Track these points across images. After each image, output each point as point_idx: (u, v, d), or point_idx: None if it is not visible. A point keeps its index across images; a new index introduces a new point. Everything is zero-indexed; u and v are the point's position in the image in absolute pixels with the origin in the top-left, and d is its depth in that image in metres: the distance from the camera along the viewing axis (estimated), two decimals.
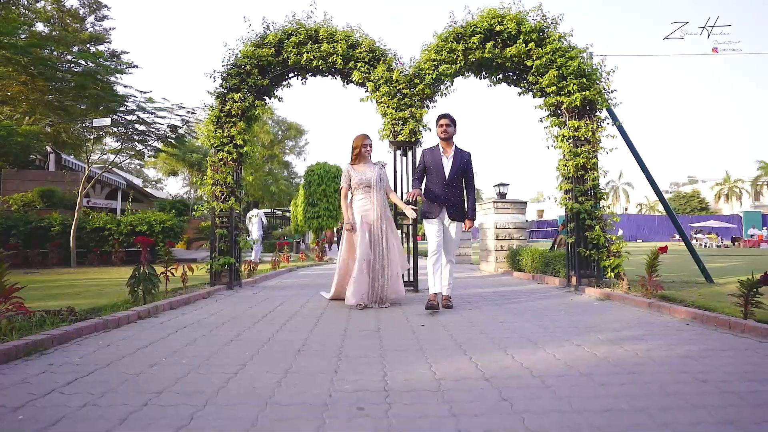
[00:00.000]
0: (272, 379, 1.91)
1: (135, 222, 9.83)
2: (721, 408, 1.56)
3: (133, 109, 10.30)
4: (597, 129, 5.31)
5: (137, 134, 10.47)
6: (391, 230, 4.06)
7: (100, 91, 9.23)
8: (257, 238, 10.36)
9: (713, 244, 24.97)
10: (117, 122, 10.02)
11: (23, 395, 1.71)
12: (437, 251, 3.80)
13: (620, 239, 5.30)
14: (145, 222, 9.85)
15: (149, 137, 10.56)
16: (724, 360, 2.18)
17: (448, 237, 3.87)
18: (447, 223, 3.86)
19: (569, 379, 1.91)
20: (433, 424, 1.45)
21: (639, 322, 3.22)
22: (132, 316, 3.23)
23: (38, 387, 1.81)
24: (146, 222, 9.84)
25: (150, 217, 9.98)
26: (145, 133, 10.51)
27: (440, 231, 3.82)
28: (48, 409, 1.57)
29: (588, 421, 1.46)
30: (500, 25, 5.25)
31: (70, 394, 1.72)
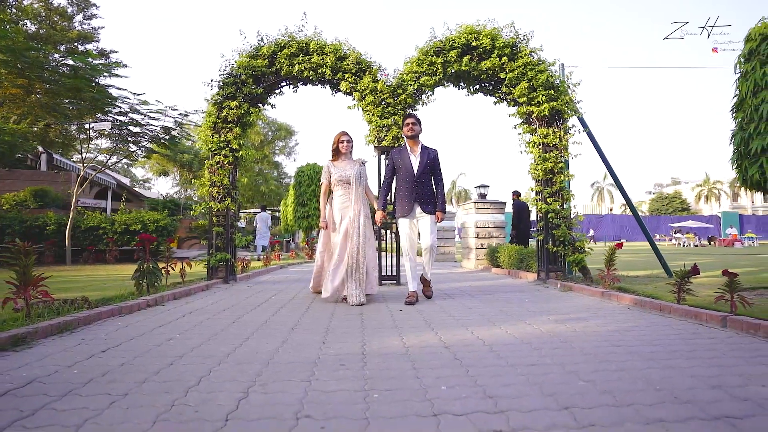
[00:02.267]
0: (271, 348, 2.34)
1: (129, 221, 10.10)
2: (621, 362, 2.03)
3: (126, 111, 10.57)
4: (564, 136, 5.83)
5: (131, 135, 10.73)
6: (369, 227, 4.10)
7: (96, 93, 9.50)
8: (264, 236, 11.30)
9: (691, 243, 25.94)
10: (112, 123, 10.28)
11: (70, 358, 2.11)
12: (412, 249, 4.06)
13: (584, 236, 5.82)
14: (140, 221, 10.13)
15: (143, 138, 10.83)
16: (642, 332, 2.67)
17: (423, 228, 4.03)
18: (421, 218, 4.04)
19: (512, 346, 2.37)
20: (398, 373, 1.89)
21: (589, 307, 3.70)
22: (141, 304, 3.62)
23: (79, 353, 2.21)
24: (140, 221, 10.12)
25: (144, 217, 10.27)
26: (139, 135, 10.78)
27: (413, 229, 4.05)
28: (94, 367, 1.98)
29: (516, 371, 1.91)
30: (476, 41, 5.74)
31: (109, 358, 2.13)
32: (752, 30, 4.53)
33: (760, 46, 4.37)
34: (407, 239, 4.06)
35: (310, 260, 11.60)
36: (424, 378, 1.82)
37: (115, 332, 2.73)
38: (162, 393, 1.64)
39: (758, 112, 4.25)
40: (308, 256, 12.18)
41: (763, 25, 4.40)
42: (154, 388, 1.71)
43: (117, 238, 10.06)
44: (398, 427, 1.34)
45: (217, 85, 5.58)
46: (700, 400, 1.52)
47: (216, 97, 5.57)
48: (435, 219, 4.05)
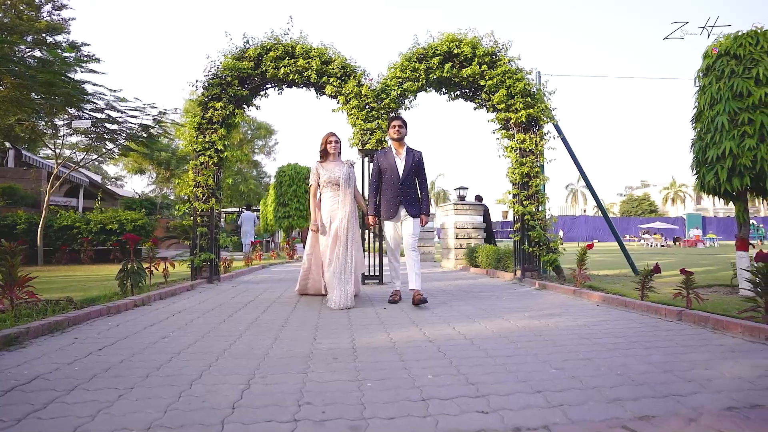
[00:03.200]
0: (265, 344, 2.45)
1: (105, 221, 9.89)
2: (588, 352, 2.25)
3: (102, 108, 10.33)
4: (540, 142, 6.11)
5: (108, 133, 10.50)
6: (356, 229, 4.08)
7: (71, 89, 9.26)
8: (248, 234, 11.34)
9: (657, 243, 27.13)
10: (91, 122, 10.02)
11: (68, 356, 2.17)
12: (396, 250, 4.12)
13: (558, 237, 6.12)
14: (116, 221, 9.94)
15: (120, 136, 10.61)
16: (608, 326, 2.91)
17: (407, 232, 4.01)
18: (404, 220, 4.02)
19: (490, 339, 2.56)
20: (387, 365, 2.05)
21: (561, 304, 3.95)
22: (129, 304, 3.65)
23: (76, 352, 2.26)
24: (117, 221, 9.93)
25: (121, 216, 10.07)
26: (116, 132, 10.56)
27: (398, 231, 4.07)
28: (95, 364, 2.05)
29: (495, 362, 2.10)
30: (458, 49, 5.95)
31: (107, 355, 2.20)
32: (708, 48, 4.89)
33: (716, 63, 4.73)
34: (392, 241, 4.10)
35: (291, 260, 11.62)
36: (412, 369, 1.98)
37: (107, 331, 2.78)
38: (167, 386, 1.75)
39: (714, 124, 4.61)
40: (289, 256, 12.19)
41: (719, 43, 4.77)
42: (159, 381, 1.80)
43: (92, 238, 9.83)
44: (392, 411, 1.49)
45: (202, 86, 5.59)
46: (653, 382, 1.74)
47: (201, 97, 5.59)
48: (419, 222, 4.06)
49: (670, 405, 1.51)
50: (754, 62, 4.44)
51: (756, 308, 2.70)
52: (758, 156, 4.22)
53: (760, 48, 4.45)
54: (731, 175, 4.41)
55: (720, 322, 2.74)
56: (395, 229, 4.11)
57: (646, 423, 1.37)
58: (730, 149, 4.38)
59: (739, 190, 4.45)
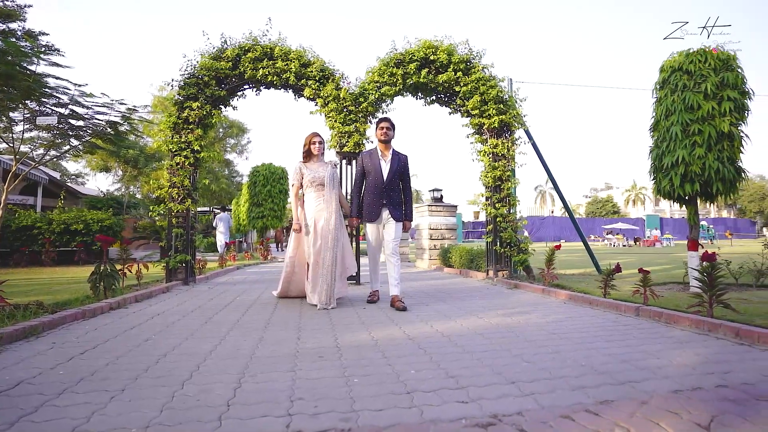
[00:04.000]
0: (250, 344, 2.51)
1: (69, 221, 9.50)
2: (556, 346, 2.43)
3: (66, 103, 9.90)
4: (512, 147, 6.38)
5: (72, 129, 10.06)
6: (342, 230, 4.02)
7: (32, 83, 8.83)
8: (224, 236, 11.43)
9: (619, 243, 28.50)
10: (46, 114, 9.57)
11: (49, 361, 2.16)
12: (376, 252, 4.11)
13: (527, 239, 6.40)
14: (81, 221, 9.56)
15: (85, 133, 10.20)
16: (573, 322, 3.13)
17: (389, 236, 3.99)
18: (387, 223, 4.01)
19: (467, 336, 2.71)
20: (371, 362, 2.16)
21: (531, 302, 4.18)
22: (104, 307, 3.58)
23: (57, 356, 2.25)
24: (82, 221, 9.56)
25: (86, 216, 9.70)
26: (81, 129, 10.13)
27: (380, 233, 4.04)
28: (80, 368, 2.05)
29: (472, 356, 2.25)
30: (434, 55, 6.13)
31: (91, 359, 2.20)
32: (665, 62, 5.27)
33: (671, 77, 5.11)
34: (373, 242, 4.08)
35: (265, 261, 11.52)
36: (395, 365, 2.10)
37: (86, 335, 2.75)
38: (159, 387, 1.79)
39: (669, 133, 4.97)
40: (263, 257, 12.07)
41: (674, 59, 5.15)
42: (149, 383, 1.84)
43: (55, 239, 9.42)
44: (379, 403, 1.60)
45: (177, 85, 5.51)
46: (612, 371, 1.94)
47: (176, 97, 5.51)
48: (401, 227, 4.05)
49: (627, 390, 1.70)
50: (703, 78, 4.84)
51: (702, 303, 2.98)
52: (706, 164, 4.61)
53: (707, 65, 4.85)
54: (683, 181, 4.78)
55: (671, 317, 3.01)
56: (377, 232, 4.07)
57: (606, 406, 1.54)
58: (682, 157, 4.75)
59: (690, 195, 4.84)
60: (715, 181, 4.63)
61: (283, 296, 4.35)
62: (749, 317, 2.83)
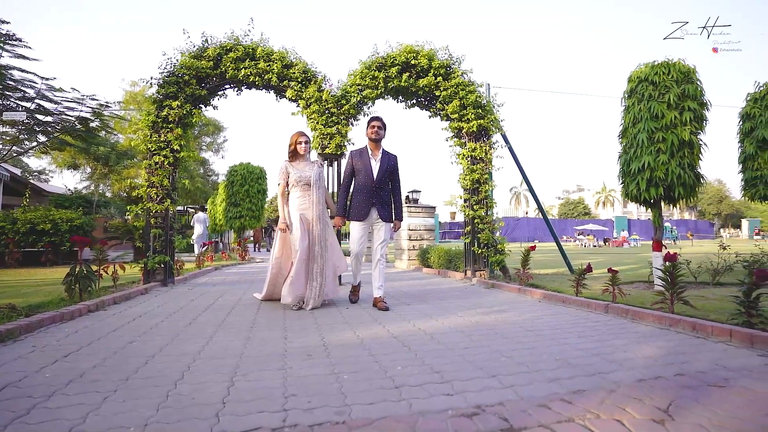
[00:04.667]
0: (238, 344, 2.55)
1: (36, 220, 9.13)
2: (532, 342, 2.58)
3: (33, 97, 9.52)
4: (489, 150, 6.58)
5: (39, 124, 9.68)
6: (329, 230, 3.99)
7: None
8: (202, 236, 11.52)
9: (590, 244, 29.54)
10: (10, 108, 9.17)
11: (33, 364, 2.13)
12: (360, 252, 4.02)
13: (504, 240, 6.62)
14: (49, 220, 9.20)
15: (54, 128, 9.83)
16: (548, 320, 3.30)
17: (377, 237, 3.98)
18: (376, 224, 3.98)
19: (448, 334, 2.83)
20: (359, 359, 2.24)
21: (508, 301, 4.35)
22: (83, 310, 3.52)
23: (41, 359, 2.22)
24: (50, 220, 9.20)
25: (54, 215, 9.34)
26: (49, 124, 9.77)
27: (366, 233, 3.98)
28: (67, 370, 2.04)
29: (454, 353, 2.36)
30: (415, 60, 6.25)
31: (77, 362, 2.19)
32: (633, 73, 5.57)
33: (638, 87, 5.41)
34: (359, 243, 4.01)
35: (243, 262, 11.39)
36: (382, 361, 2.19)
37: (67, 338, 2.71)
38: (151, 387, 1.82)
39: (636, 140, 5.26)
40: (241, 257, 11.93)
41: (640, 70, 5.45)
42: (141, 383, 1.86)
43: (19, 239, 9.03)
44: (370, 398, 1.69)
45: (157, 83, 5.42)
46: (584, 363, 2.09)
47: (156, 95, 5.42)
48: (390, 227, 4.05)
49: (597, 381, 1.85)
50: (666, 89, 5.15)
51: (664, 300, 3.21)
52: (669, 169, 4.91)
53: (670, 77, 5.16)
54: (649, 186, 5.08)
55: (637, 313, 3.23)
56: (364, 231, 4.01)
57: (579, 395, 1.68)
58: (648, 163, 5.04)
59: (654, 198, 5.14)
60: (677, 186, 4.94)
61: (268, 299, 4.25)
62: (705, 313, 3.07)
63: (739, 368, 2.00)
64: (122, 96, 21.05)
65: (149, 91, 5.54)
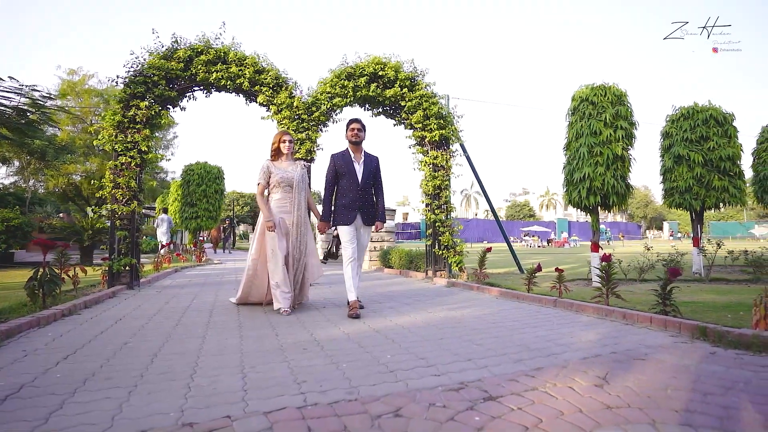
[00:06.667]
0: (233, 342, 2.73)
1: None
2: (496, 332, 2.99)
3: None
4: (449, 159, 7.06)
5: None
6: (309, 235, 3.91)
7: None
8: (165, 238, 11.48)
9: (535, 244, 31.54)
10: None
11: (35, 367, 2.20)
12: (353, 257, 3.85)
13: (462, 242, 7.13)
14: None
15: None
16: (507, 314, 3.76)
17: (363, 241, 3.98)
18: (360, 228, 3.96)
19: (423, 327, 3.18)
20: (351, 351, 2.52)
21: (469, 299, 4.80)
22: (57, 314, 3.48)
23: (40, 362, 2.29)
24: None
25: None
26: None
27: (355, 237, 3.89)
28: (75, 371, 2.14)
29: (432, 343, 2.71)
30: (383, 71, 6.59)
31: (79, 363, 2.28)
32: (575, 92, 6.28)
33: (580, 105, 6.11)
34: (351, 247, 3.87)
35: (201, 263, 11.13)
36: (372, 352, 2.49)
37: (54, 342, 2.74)
38: (169, 381, 1.99)
39: (578, 153, 5.95)
40: (198, 258, 11.63)
41: (582, 91, 6.15)
42: (157, 379, 2.02)
43: None
44: (371, 380, 1.98)
45: (122, 82, 5.32)
46: (540, 347, 2.52)
47: (121, 94, 5.31)
48: (371, 230, 4.06)
49: (552, 360, 2.27)
50: (603, 109, 5.88)
51: (601, 295, 3.78)
52: (605, 180, 5.62)
53: (606, 99, 5.90)
54: (589, 194, 5.77)
55: (580, 306, 3.77)
56: (353, 234, 3.90)
57: (539, 371, 2.09)
58: (588, 174, 5.73)
59: (593, 205, 5.85)
60: (612, 195, 5.67)
61: (243, 302, 4.16)
62: (633, 305, 3.67)
63: (656, 346, 2.53)
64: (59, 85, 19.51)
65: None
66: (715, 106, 6.90)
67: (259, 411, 1.63)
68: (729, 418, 1.52)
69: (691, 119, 6.88)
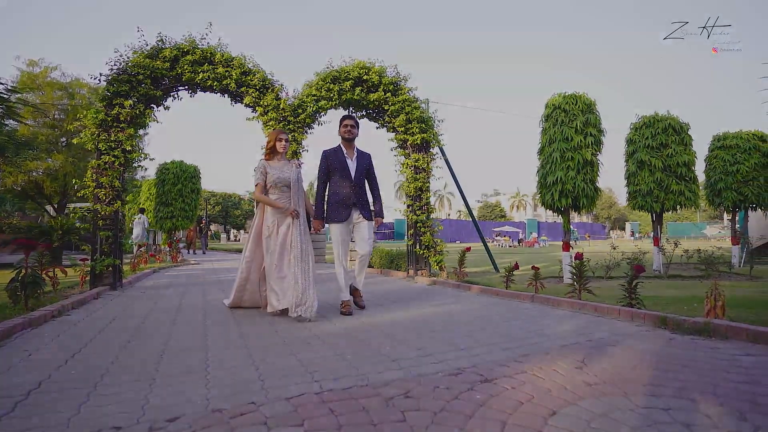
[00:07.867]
0: (236, 338, 2.84)
1: None
2: (482, 325, 3.24)
3: None
4: (430, 161, 7.32)
5: None
6: (307, 235, 3.78)
7: None
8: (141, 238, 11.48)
9: (506, 244, 32.51)
10: None
11: (44, 366, 2.25)
12: (344, 256, 3.89)
13: (442, 242, 7.41)
14: None
15: None
16: (489, 309, 4.02)
17: (361, 234, 3.90)
18: (358, 223, 3.91)
19: (415, 322, 3.39)
20: (352, 343, 2.69)
21: (452, 295, 5.05)
22: (47, 316, 3.46)
23: (47, 361, 2.33)
24: None
25: None
26: None
27: (347, 234, 3.87)
28: (88, 367, 2.21)
29: (426, 335, 2.91)
30: (367, 75, 6.77)
31: (89, 360, 2.34)
32: (549, 100, 6.66)
33: (553, 113, 6.49)
34: (341, 245, 3.88)
35: (177, 264, 10.94)
36: (372, 344, 2.67)
37: (52, 342, 2.76)
38: (186, 374, 2.10)
39: (551, 158, 6.33)
40: (173, 259, 11.42)
41: (554, 99, 6.54)
42: (173, 372, 2.13)
43: None
44: (378, 369, 2.16)
45: (105, 80, 5.25)
46: (522, 338, 2.78)
47: (104, 92, 5.24)
48: (373, 224, 4.01)
49: (535, 348, 2.53)
50: (574, 116, 6.28)
51: (574, 291, 4.11)
52: (576, 183, 6.01)
53: (577, 107, 6.30)
54: (561, 196, 6.16)
55: (555, 301, 4.09)
56: (346, 232, 3.89)
57: (525, 358, 2.33)
58: (560, 177, 6.11)
59: (565, 207, 6.24)
60: (582, 197, 6.08)
61: (236, 306, 4.02)
62: (602, 299, 4.01)
63: (625, 334, 2.84)
64: (17, 76, 18.49)
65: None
66: (673, 116, 7.48)
67: (281, 397, 1.78)
68: (685, 389, 1.81)
69: (652, 127, 7.42)
